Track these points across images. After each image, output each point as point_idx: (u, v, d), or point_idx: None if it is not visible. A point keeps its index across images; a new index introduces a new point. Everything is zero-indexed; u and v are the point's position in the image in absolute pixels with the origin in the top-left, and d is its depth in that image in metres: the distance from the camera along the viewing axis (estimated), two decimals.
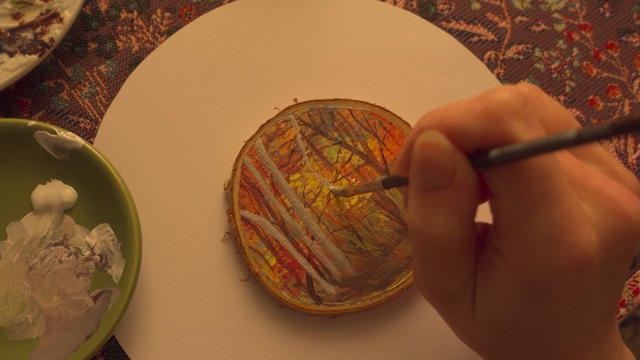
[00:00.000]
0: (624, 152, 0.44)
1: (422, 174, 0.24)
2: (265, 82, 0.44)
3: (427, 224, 0.24)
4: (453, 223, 0.24)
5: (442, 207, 0.24)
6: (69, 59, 0.44)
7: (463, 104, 0.24)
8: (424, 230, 0.24)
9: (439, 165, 0.23)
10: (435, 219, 0.24)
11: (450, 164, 0.23)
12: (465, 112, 0.23)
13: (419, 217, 0.24)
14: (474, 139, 0.23)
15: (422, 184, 0.24)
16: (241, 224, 0.39)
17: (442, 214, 0.24)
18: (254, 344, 0.39)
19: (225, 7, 0.46)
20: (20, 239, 0.39)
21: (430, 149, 0.23)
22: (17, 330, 0.37)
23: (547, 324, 0.25)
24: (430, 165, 0.24)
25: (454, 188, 0.24)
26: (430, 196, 0.24)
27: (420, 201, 0.24)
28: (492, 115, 0.23)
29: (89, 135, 0.43)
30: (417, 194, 0.25)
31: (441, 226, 0.24)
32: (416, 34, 0.46)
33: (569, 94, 0.45)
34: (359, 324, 0.39)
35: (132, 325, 0.39)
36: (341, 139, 0.41)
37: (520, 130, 0.22)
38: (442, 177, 0.23)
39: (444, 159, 0.23)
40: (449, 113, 0.24)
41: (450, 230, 0.24)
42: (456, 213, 0.24)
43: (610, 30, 0.47)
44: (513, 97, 0.23)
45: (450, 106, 0.24)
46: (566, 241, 0.23)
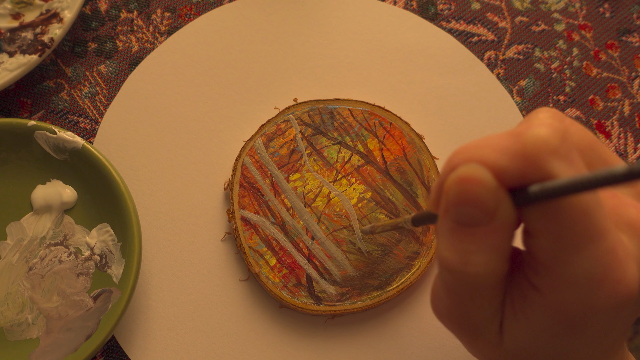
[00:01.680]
0: (624, 152, 0.44)
1: (460, 209, 0.22)
2: (265, 82, 0.44)
3: (465, 262, 0.23)
4: (492, 261, 0.23)
5: (481, 244, 0.23)
6: (69, 59, 0.44)
7: (497, 141, 0.22)
8: (460, 269, 0.23)
9: (480, 200, 0.22)
10: (473, 257, 0.23)
11: (493, 200, 0.22)
12: (500, 150, 0.22)
13: (455, 255, 0.23)
14: (511, 179, 0.22)
15: (459, 219, 0.23)
16: (241, 224, 0.39)
17: (481, 251, 0.23)
18: (254, 344, 0.39)
19: (225, 7, 0.46)
20: (20, 239, 0.39)
21: (471, 183, 0.22)
22: (17, 330, 0.37)
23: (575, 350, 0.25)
24: (470, 201, 0.22)
25: (494, 225, 0.22)
26: (467, 233, 0.23)
27: (455, 238, 0.23)
28: (530, 156, 0.21)
29: (89, 135, 0.43)
30: (452, 230, 0.23)
31: (480, 265, 0.23)
32: (416, 34, 0.46)
33: (569, 94, 0.45)
34: (359, 324, 0.39)
35: (132, 325, 0.39)
36: (341, 139, 0.41)
37: (560, 169, 0.21)
38: (483, 213, 0.22)
39: (487, 194, 0.22)
40: (482, 151, 0.22)
41: (490, 269, 0.23)
42: (496, 251, 0.23)
43: (610, 30, 0.47)
44: (550, 133, 0.21)
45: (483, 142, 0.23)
46: (610, 279, 0.22)
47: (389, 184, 0.40)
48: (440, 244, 0.24)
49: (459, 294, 0.24)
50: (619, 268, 0.22)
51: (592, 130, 0.45)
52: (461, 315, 0.25)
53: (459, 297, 0.24)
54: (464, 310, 0.25)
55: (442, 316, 0.26)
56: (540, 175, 0.21)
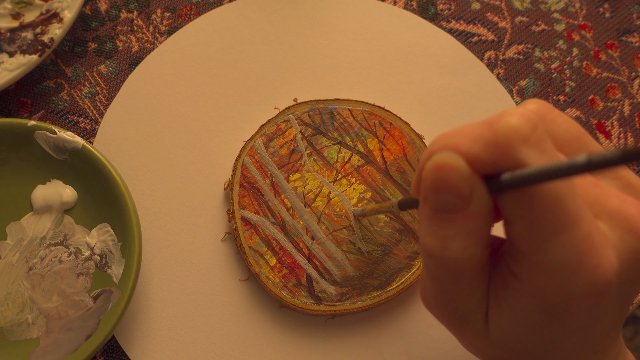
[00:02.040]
0: None
1: (437, 196, 0.23)
2: (265, 82, 0.44)
3: (444, 247, 0.23)
4: (470, 246, 0.23)
5: (458, 230, 0.23)
6: (69, 59, 0.44)
7: (471, 129, 0.23)
8: (440, 254, 0.24)
9: (455, 187, 0.22)
10: (451, 242, 0.23)
11: (468, 186, 0.22)
12: (473, 138, 0.22)
13: (435, 240, 0.24)
14: (484, 166, 0.22)
15: (436, 206, 0.23)
16: (241, 224, 0.39)
17: (458, 237, 0.23)
18: (254, 344, 0.39)
19: (225, 7, 0.46)
20: (20, 239, 0.39)
21: (446, 170, 0.22)
22: (17, 330, 0.37)
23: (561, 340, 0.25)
24: (445, 187, 0.23)
25: (470, 210, 0.23)
26: (445, 219, 0.23)
27: (434, 224, 0.24)
28: (501, 143, 0.22)
29: (89, 135, 0.43)
30: (430, 217, 0.24)
31: (458, 249, 0.23)
32: (416, 34, 0.46)
33: (569, 94, 0.45)
34: (359, 324, 0.39)
35: (132, 325, 0.39)
36: (341, 139, 0.41)
37: (531, 157, 0.22)
38: (459, 199, 0.23)
39: (461, 180, 0.22)
40: (457, 138, 0.23)
41: (468, 254, 0.23)
42: (473, 236, 0.23)
43: (610, 30, 0.47)
44: (522, 121, 0.22)
45: (459, 131, 0.23)
46: (586, 265, 0.22)
47: (389, 184, 0.40)
48: (421, 230, 0.25)
49: (442, 280, 0.25)
50: (595, 255, 0.22)
51: (592, 130, 0.45)
52: (447, 303, 0.26)
53: (443, 284, 0.25)
54: (449, 298, 0.25)
55: (430, 305, 0.27)
56: (511, 163, 0.22)
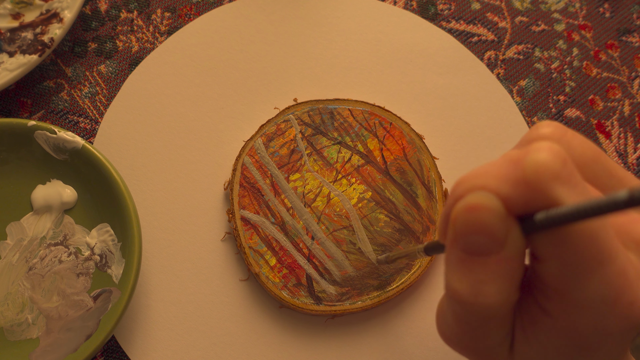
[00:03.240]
0: (624, 152, 0.44)
1: (469, 238, 0.22)
2: (265, 82, 0.44)
3: (476, 293, 0.22)
4: (504, 291, 0.22)
5: (492, 274, 0.22)
6: (69, 59, 0.44)
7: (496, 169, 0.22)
8: (472, 300, 0.22)
9: (489, 228, 0.21)
10: (484, 287, 0.22)
11: (503, 227, 0.21)
12: (501, 178, 0.21)
13: (466, 286, 0.22)
14: (516, 207, 0.21)
15: (468, 248, 0.22)
16: (241, 224, 0.39)
17: (492, 281, 0.22)
18: (254, 344, 0.39)
19: (225, 7, 0.46)
20: (20, 239, 0.39)
21: (480, 211, 0.21)
22: (17, 330, 0.37)
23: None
24: (478, 229, 0.21)
25: (505, 253, 0.22)
26: (478, 263, 0.22)
27: (465, 268, 0.22)
28: (532, 183, 0.21)
29: (89, 135, 0.43)
30: (461, 261, 0.22)
31: (492, 295, 0.22)
32: (416, 34, 0.46)
33: (569, 94, 0.45)
34: (359, 324, 0.39)
35: (132, 325, 0.39)
36: (341, 139, 0.41)
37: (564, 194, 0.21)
38: (493, 241, 0.21)
39: (496, 221, 0.21)
40: (483, 179, 0.22)
41: (502, 299, 0.22)
42: (507, 280, 0.22)
43: (610, 30, 0.47)
44: (551, 157, 0.21)
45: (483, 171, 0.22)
46: (622, 302, 0.22)
47: (389, 184, 0.40)
48: (450, 275, 0.23)
49: (470, 323, 0.24)
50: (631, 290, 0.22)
51: (592, 131, 0.45)
52: (471, 342, 0.25)
53: (469, 326, 0.24)
54: (473, 337, 0.24)
55: (449, 341, 0.26)
56: (544, 201, 0.21)
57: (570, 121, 0.45)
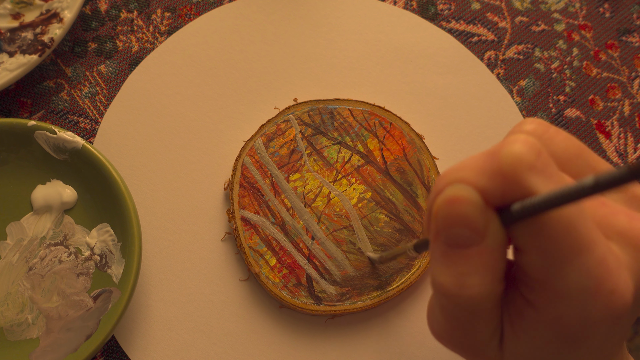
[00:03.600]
0: (624, 152, 0.44)
1: (450, 231, 0.22)
2: (265, 82, 0.44)
3: (460, 285, 0.22)
4: (488, 282, 0.22)
5: (475, 265, 0.22)
6: (69, 59, 0.44)
7: (474, 162, 0.22)
8: (456, 292, 0.23)
9: (469, 220, 0.22)
10: (468, 279, 0.22)
11: (483, 219, 0.22)
12: (478, 171, 0.22)
13: (450, 278, 0.23)
14: (493, 198, 0.22)
15: (450, 241, 0.22)
16: (241, 224, 0.39)
17: (475, 272, 0.22)
18: (254, 344, 0.39)
19: (225, 7, 0.46)
20: (20, 239, 0.39)
21: (459, 203, 0.22)
22: (17, 330, 0.37)
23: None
24: (459, 221, 0.22)
25: (486, 244, 0.22)
26: (459, 255, 0.22)
27: (448, 260, 0.23)
28: (507, 174, 0.21)
29: (89, 135, 0.43)
30: (443, 253, 0.23)
31: (475, 286, 0.22)
32: (416, 34, 0.46)
33: (569, 94, 0.45)
34: (359, 324, 0.39)
35: (132, 325, 0.39)
36: (341, 139, 0.41)
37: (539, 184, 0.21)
38: (474, 232, 0.22)
39: (476, 213, 0.22)
40: (462, 172, 0.22)
41: (486, 290, 0.23)
42: (490, 271, 0.22)
43: (610, 30, 0.47)
44: (525, 149, 0.21)
45: (463, 165, 0.23)
46: (602, 290, 0.22)
47: (389, 184, 0.40)
48: (434, 269, 0.24)
49: (457, 317, 0.24)
50: (612, 278, 0.22)
51: (592, 131, 0.45)
52: (460, 337, 0.25)
53: (458, 320, 0.24)
54: (462, 332, 0.25)
55: (440, 337, 0.26)
56: (520, 192, 0.21)
57: (570, 121, 0.45)
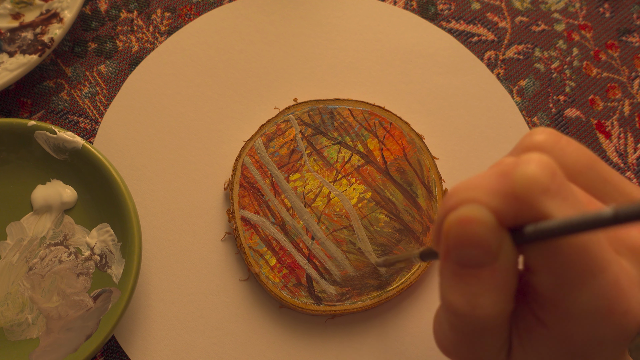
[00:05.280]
0: (624, 152, 0.44)
1: (461, 251, 0.22)
2: (265, 82, 0.44)
3: (472, 305, 0.22)
4: (500, 302, 0.22)
5: (486, 285, 0.22)
6: (69, 59, 0.44)
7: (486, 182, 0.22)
8: (468, 312, 0.22)
9: (481, 241, 0.21)
10: (479, 299, 0.22)
11: (495, 240, 0.21)
12: (491, 191, 0.21)
13: (460, 297, 0.22)
14: (506, 220, 0.21)
15: (461, 261, 0.22)
16: (241, 224, 0.39)
17: (487, 293, 0.22)
18: (254, 344, 0.39)
19: (225, 7, 0.46)
20: (20, 239, 0.39)
21: (472, 224, 0.21)
22: (17, 330, 0.37)
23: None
24: (471, 242, 0.21)
25: (498, 265, 0.22)
26: (471, 275, 0.22)
27: (459, 280, 0.22)
28: (521, 197, 0.21)
29: (89, 135, 0.43)
30: (454, 273, 0.23)
31: (488, 307, 0.22)
32: (416, 34, 0.46)
33: (569, 94, 0.45)
34: (359, 324, 0.39)
35: (132, 325, 0.39)
36: (341, 139, 0.41)
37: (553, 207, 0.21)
38: (486, 253, 0.21)
39: (489, 234, 0.21)
40: (473, 192, 0.22)
41: (497, 310, 0.22)
42: (502, 291, 0.22)
43: (610, 30, 0.47)
44: (539, 170, 0.21)
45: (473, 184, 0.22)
46: (615, 311, 0.21)
47: (389, 184, 0.40)
48: (444, 287, 0.23)
49: (466, 333, 0.24)
50: (624, 299, 0.22)
51: (592, 131, 0.45)
52: (468, 352, 0.25)
53: (466, 336, 0.24)
54: (470, 348, 0.24)
55: (447, 351, 0.26)
56: (534, 215, 0.21)
57: (570, 121, 0.45)
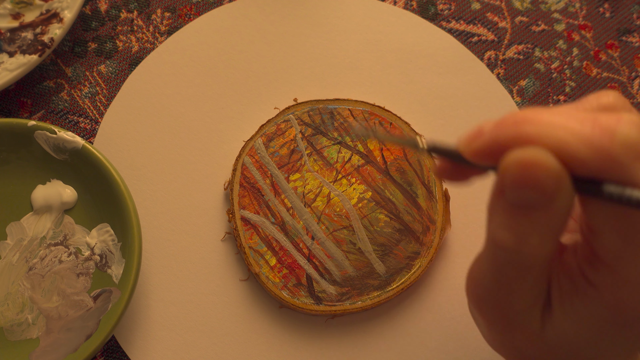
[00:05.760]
0: None
1: (519, 192, 0.22)
2: (265, 82, 0.44)
3: (521, 242, 0.22)
4: (548, 243, 0.22)
5: (539, 226, 0.22)
6: (69, 59, 0.44)
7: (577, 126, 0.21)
8: (516, 248, 0.22)
9: (541, 186, 0.21)
10: (530, 238, 0.22)
11: (555, 186, 0.21)
12: (581, 139, 0.21)
13: (511, 235, 0.22)
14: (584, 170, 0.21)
15: (517, 202, 0.22)
16: (241, 224, 0.39)
17: (537, 233, 0.22)
18: (254, 344, 0.39)
19: (225, 7, 0.46)
20: (20, 239, 0.39)
21: (535, 169, 0.21)
22: (17, 330, 0.37)
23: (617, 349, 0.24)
24: (530, 185, 0.21)
25: (553, 208, 0.21)
26: (525, 214, 0.22)
27: (513, 218, 0.22)
28: (615, 155, 0.20)
29: (89, 135, 0.43)
30: (507, 211, 0.23)
31: (536, 246, 0.22)
32: (416, 34, 0.46)
33: (569, 94, 0.45)
34: (359, 324, 0.39)
35: (132, 325, 0.39)
36: (341, 139, 0.41)
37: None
38: (543, 197, 0.21)
39: (549, 180, 0.21)
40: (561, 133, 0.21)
41: (545, 250, 0.22)
42: (551, 233, 0.22)
43: (610, 30, 0.47)
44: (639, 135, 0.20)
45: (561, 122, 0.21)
46: None
47: (389, 184, 0.40)
48: (494, 223, 0.23)
49: (507, 273, 0.24)
50: None
51: None
52: (504, 299, 0.24)
53: (506, 277, 0.24)
54: (507, 292, 0.24)
55: (479, 299, 0.26)
56: (622, 178, 0.20)
57: None
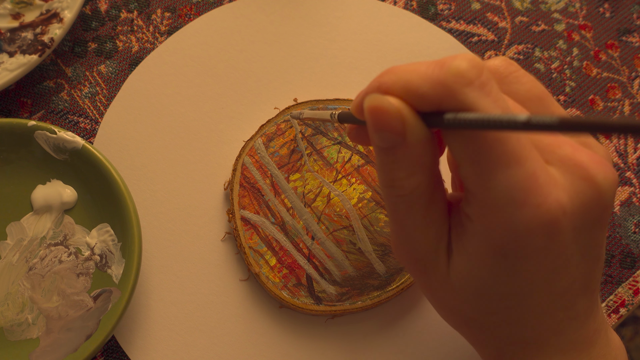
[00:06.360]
0: (624, 152, 0.44)
1: (378, 135, 0.25)
2: (265, 82, 0.44)
3: (391, 178, 0.26)
4: (415, 174, 0.25)
5: (400, 160, 0.25)
6: (69, 59, 0.44)
7: (423, 68, 0.24)
8: (389, 184, 0.26)
9: (389, 126, 0.25)
10: (397, 172, 0.26)
11: (399, 124, 0.25)
12: (423, 76, 0.24)
13: (384, 174, 0.26)
14: (430, 104, 0.24)
15: (380, 143, 0.25)
16: (241, 224, 0.39)
17: (402, 168, 0.25)
18: (254, 344, 0.39)
19: (225, 7, 0.46)
20: (20, 239, 0.39)
21: (379, 112, 0.25)
22: (17, 330, 0.37)
23: (521, 292, 0.26)
24: (381, 127, 0.25)
25: (407, 143, 0.25)
26: (390, 153, 0.25)
27: (382, 159, 0.26)
28: (447, 84, 0.23)
29: (89, 135, 0.43)
30: (378, 154, 0.26)
31: (403, 179, 0.25)
32: (416, 34, 0.46)
33: (569, 94, 0.45)
34: (359, 324, 0.39)
35: (132, 325, 0.39)
36: (341, 139, 0.41)
37: (474, 99, 0.23)
38: (395, 135, 0.25)
39: (392, 120, 0.24)
40: (408, 75, 0.25)
41: (413, 182, 0.25)
42: (415, 165, 0.25)
43: (610, 30, 0.47)
44: (469, 66, 0.23)
45: (411, 67, 0.25)
46: (529, 203, 0.23)
47: None
48: (376, 167, 0.27)
49: (398, 211, 0.27)
50: (540, 193, 0.23)
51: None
52: (407, 240, 0.27)
53: (399, 216, 0.27)
54: (407, 233, 0.27)
55: (395, 247, 0.28)
56: (455, 104, 0.23)
57: None
